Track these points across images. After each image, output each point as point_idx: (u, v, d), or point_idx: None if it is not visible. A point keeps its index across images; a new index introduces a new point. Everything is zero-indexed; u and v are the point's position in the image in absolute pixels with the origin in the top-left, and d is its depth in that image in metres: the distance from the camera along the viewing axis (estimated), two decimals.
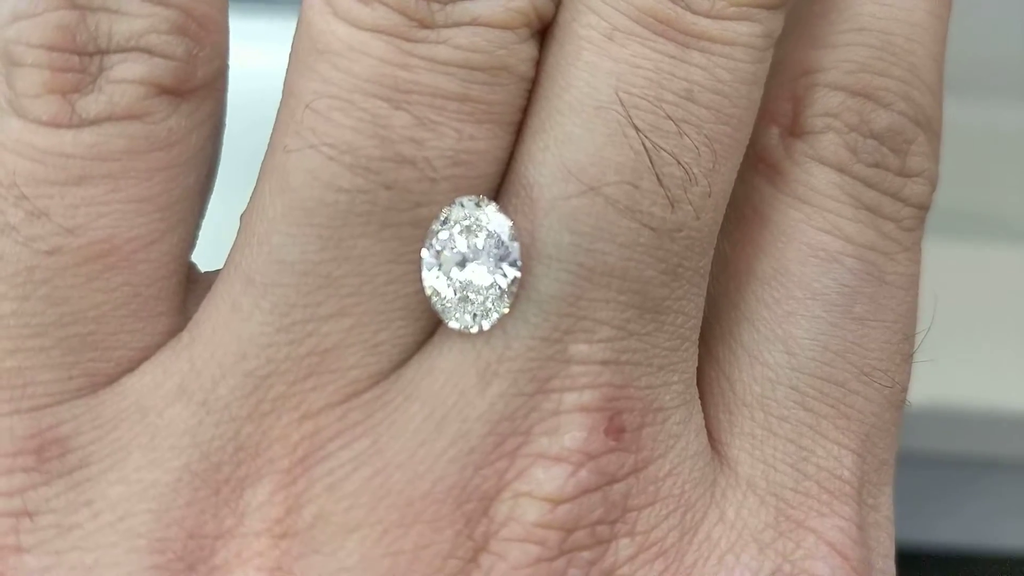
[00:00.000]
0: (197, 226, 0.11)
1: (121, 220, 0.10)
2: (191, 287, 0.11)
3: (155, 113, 0.10)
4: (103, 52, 0.10)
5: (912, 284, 0.11)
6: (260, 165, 0.10)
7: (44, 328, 0.10)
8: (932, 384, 0.19)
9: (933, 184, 0.11)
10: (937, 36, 0.11)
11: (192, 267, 0.11)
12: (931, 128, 0.11)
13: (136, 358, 0.10)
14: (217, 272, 0.11)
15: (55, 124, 0.10)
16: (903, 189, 0.11)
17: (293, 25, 0.10)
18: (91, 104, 0.10)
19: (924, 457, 0.21)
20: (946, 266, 0.20)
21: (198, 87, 0.10)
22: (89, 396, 0.10)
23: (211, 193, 0.11)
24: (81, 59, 0.10)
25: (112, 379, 0.10)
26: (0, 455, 0.10)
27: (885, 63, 0.11)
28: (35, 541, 0.10)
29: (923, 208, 0.11)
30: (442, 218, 0.09)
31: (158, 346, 0.10)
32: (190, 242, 0.11)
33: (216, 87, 0.10)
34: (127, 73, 0.10)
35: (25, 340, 0.10)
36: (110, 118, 0.10)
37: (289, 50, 0.10)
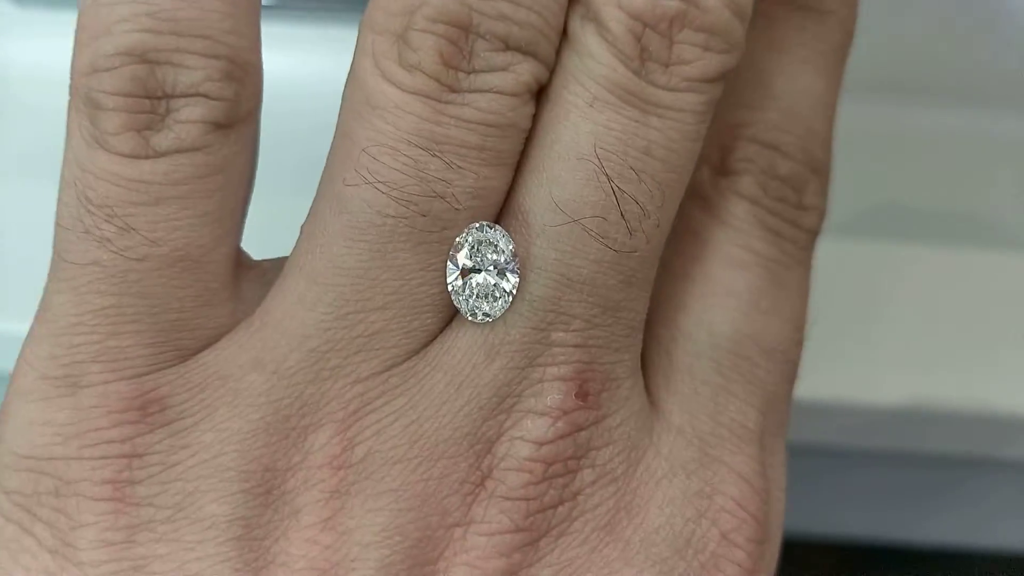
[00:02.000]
0: (243, 226, 0.14)
1: (191, 232, 0.13)
2: (244, 273, 0.14)
3: (213, 145, 0.12)
4: (169, 96, 0.12)
5: (804, 289, 0.15)
6: (317, 189, 0.13)
7: (138, 316, 0.13)
8: (935, 386, 0.20)
9: (822, 216, 0.15)
10: (830, 104, 0.15)
11: (243, 255, 0.14)
12: (822, 174, 0.15)
13: (212, 336, 0.13)
14: (267, 260, 0.14)
15: (134, 156, 0.12)
16: (800, 219, 0.15)
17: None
18: (162, 140, 0.12)
19: (924, 457, 0.22)
20: (948, 271, 0.21)
21: (242, 119, 0.13)
22: (179, 366, 0.13)
23: (251, 198, 0.14)
24: (152, 103, 0.12)
25: (195, 353, 0.13)
26: (111, 412, 0.13)
27: (790, 123, 0.14)
28: (145, 475, 0.13)
29: (814, 233, 0.15)
30: (465, 236, 0.13)
31: (226, 326, 0.13)
32: (239, 240, 0.14)
33: (255, 116, 0.13)
34: (190, 115, 0.12)
35: (123, 325, 0.13)
36: (179, 151, 0.12)
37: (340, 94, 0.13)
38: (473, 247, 0.13)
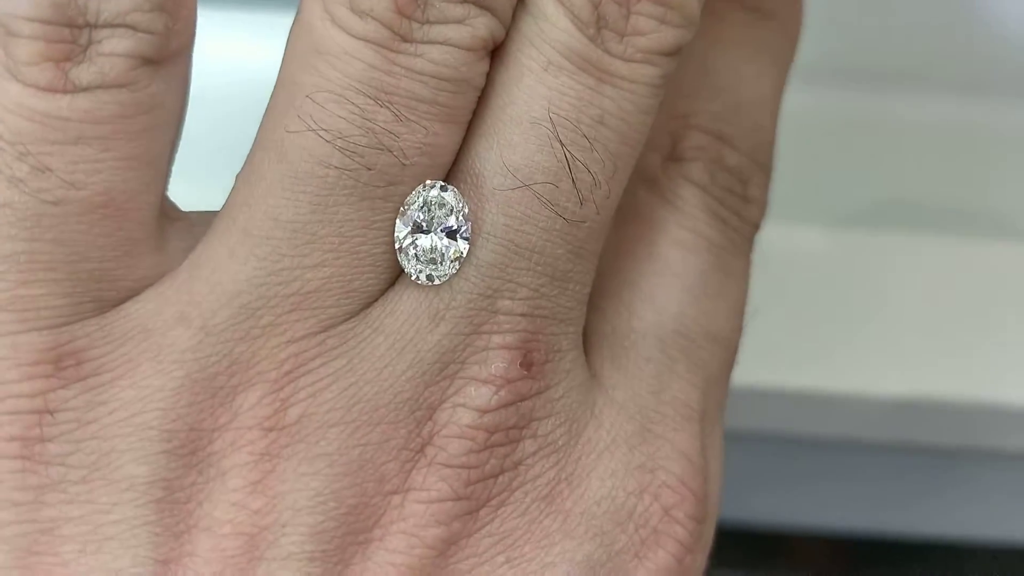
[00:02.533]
0: (170, 172, 0.13)
1: (115, 175, 0.12)
2: (170, 224, 0.13)
3: (139, 81, 0.12)
4: (92, 26, 0.11)
5: (745, 278, 0.15)
6: (255, 138, 0.12)
7: (54, 264, 0.12)
8: (935, 378, 0.20)
9: (764, 211, 0.15)
10: (775, 102, 0.15)
11: (169, 204, 0.13)
12: (766, 169, 0.15)
13: (135, 287, 0.12)
14: (196, 212, 0.13)
15: (51, 89, 0.11)
16: (744, 209, 0.15)
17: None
18: (83, 73, 0.11)
19: (922, 449, 0.22)
20: (949, 263, 0.21)
21: (173, 55, 0.12)
22: (98, 317, 0.12)
23: (179, 144, 0.13)
24: (72, 31, 0.11)
25: (117, 304, 0.12)
26: (21, 364, 0.12)
27: (738, 117, 0.15)
28: (57, 432, 0.12)
29: (756, 227, 0.15)
30: (415, 195, 0.12)
31: (150, 277, 0.13)
32: (166, 188, 0.13)
33: (186, 53, 0.13)
34: (115, 47, 0.11)
35: (36, 272, 0.12)
36: (101, 86, 0.12)
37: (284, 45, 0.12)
38: (423, 206, 0.12)
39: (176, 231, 0.13)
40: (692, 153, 0.14)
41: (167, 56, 0.12)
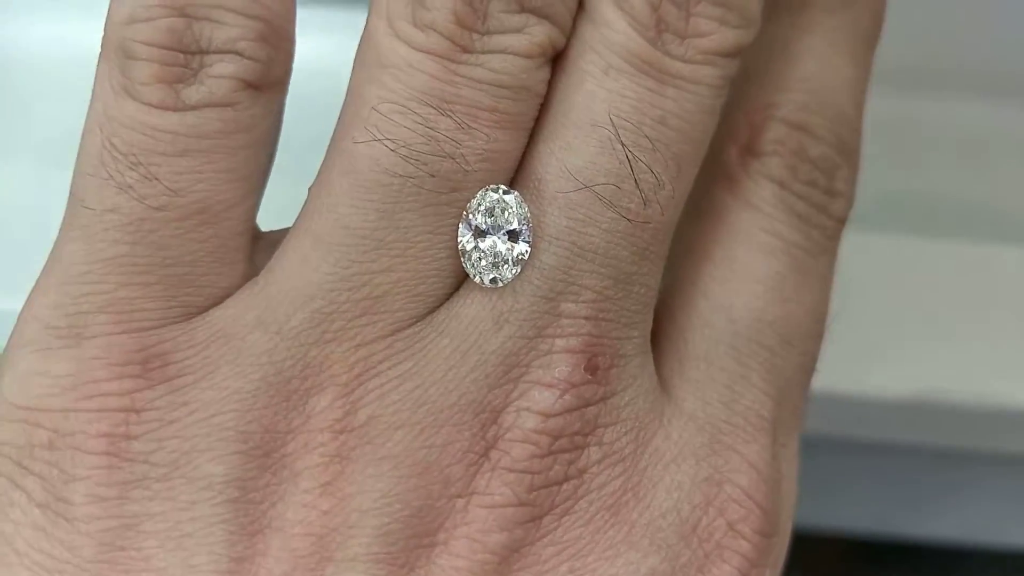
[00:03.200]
0: (263, 193, 0.14)
1: (213, 186, 0.13)
2: (256, 242, 0.14)
3: (242, 103, 0.13)
4: (203, 52, 0.12)
5: (828, 279, 0.15)
6: (326, 150, 0.13)
7: (150, 267, 0.13)
8: (941, 379, 0.20)
9: (851, 204, 0.15)
10: (860, 89, 0.15)
11: (256, 226, 0.14)
12: (852, 159, 0.15)
13: (220, 295, 0.13)
14: (275, 231, 0.14)
15: (163, 107, 0.12)
16: (829, 205, 0.14)
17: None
18: (193, 93, 0.13)
19: (929, 451, 0.22)
20: (954, 265, 0.21)
21: (273, 83, 0.13)
22: (184, 322, 0.13)
23: (271, 168, 0.14)
24: (185, 57, 0.12)
25: (202, 310, 0.13)
26: (112, 364, 0.13)
27: (821, 106, 0.14)
28: (142, 431, 0.12)
29: (842, 222, 0.15)
30: (477, 200, 0.13)
31: (236, 287, 0.13)
32: (258, 206, 0.14)
33: (284, 84, 0.13)
34: (222, 70, 0.13)
35: (134, 276, 0.13)
36: (208, 105, 0.13)
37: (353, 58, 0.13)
38: (485, 210, 0.13)
39: (260, 248, 0.14)
40: (771, 147, 0.14)
41: (268, 83, 0.13)
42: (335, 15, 0.19)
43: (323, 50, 0.18)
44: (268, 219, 0.14)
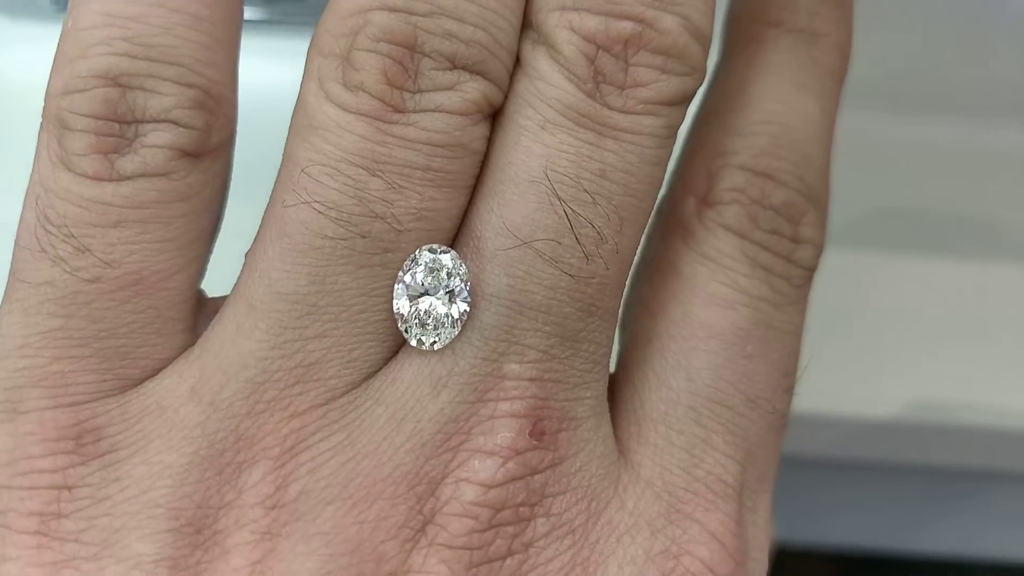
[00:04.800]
0: (207, 260, 0.14)
1: (148, 256, 0.13)
2: (200, 310, 0.14)
3: (178, 172, 0.13)
4: (139, 122, 0.12)
5: (796, 331, 0.14)
6: (262, 215, 0.13)
7: (85, 340, 0.13)
8: (934, 397, 0.20)
9: (819, 250, 0.14)
10: (826, 129, 0.14)
11: (201, 293, 0.14)
12: (820, 204, 0.14)
13: (157, 367, 0.13)
14: (220, 298, 0.14)
15: (98, 178, 0.12)
16: (794, 253, 0.14)
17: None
18: (127, 163, 0.12)
19: (922, 469, 0.22)
20: (949, 282, 0.21)
21: (212, 150, 0.13)
22: (119, 395, 0.13)
23: (218, 233, 0.14)
24: (120, 127, 0.12)
25: (137, 382, 0.13)
26: (45, 440, 0.12)
27: (783, 149, 0.14)
28: (73, 508, 0.12)
29: (810, 269, 0.14)
30: (412, 259, 0.12)
31: (174, 358, 0.13)
32: (201, 273, 0.14)
33: (226, 149, 0.13)
34: (157, 140, 0.12)
35: (69, 349, 0.13)
36: (143, 175, 0.12)
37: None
38: (422, 270, 0.12)
39: (205, 315, 0.14)
40: (729, 195, 0.14)
41: (206, 150, 0.13)
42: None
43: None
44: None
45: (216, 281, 0.14)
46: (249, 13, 0.21)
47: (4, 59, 0.21)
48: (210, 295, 0.14)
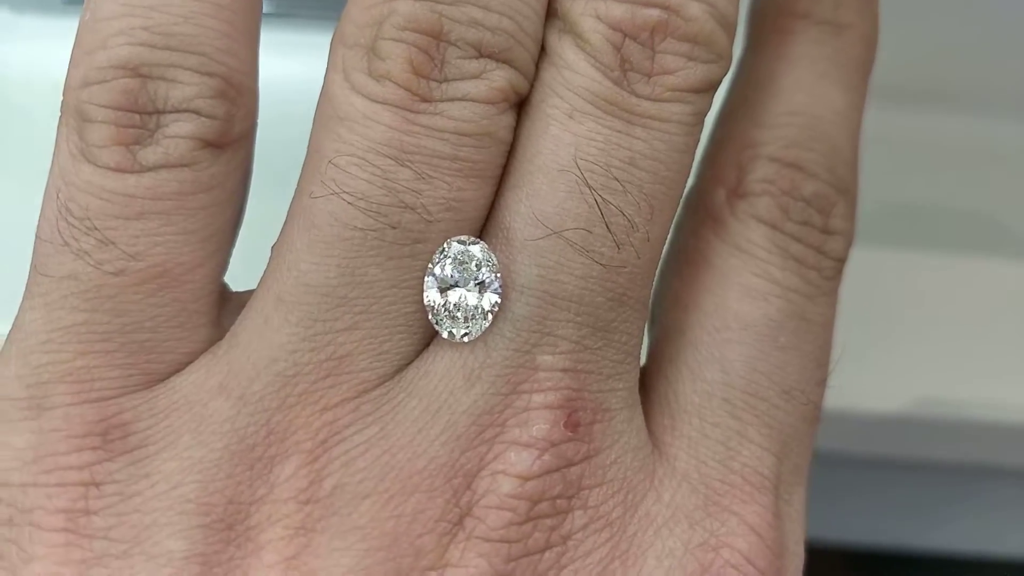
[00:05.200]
0: (230, 252, 0.14)
1: (172, 248, 0.13)
2: (224, 304, 0.13)
3: (201, 162, 0.13)
4: (160, 112, 0.12)
5: (828, 322, 0.14)
6: (288, 209, 0.13)
7: (109, 335, 0.12)
8: (941, 393, 0.20)
9: (850, 241, 0.14)
10: (854, 121, 0.14)
11: (225, 286, 0.14)
12: (849, 195, 0.14)
13: (183, 361, 0.13)
14: (246, 292, 0.14)
15: (120, 170, 0.12)
16: (825, 244, 0.14)
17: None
18: (149, 154, 0.12)
19: (929, 465, 0.22)
20: (954, 278, 0.21)
21: (234, 140, 0.13)
22: (146, 390, 0.13)
23: (241, 225, 0.14)
24: (142, 117, 0.12)
25: (164, 377, 0.13)
26: (72, 436, 0.12)
27: (812, 140, 0.14)
28: (101, 505, 0.12)
29: (841, 261, 0.14)
30: (441, 251, 0.12)
31: (200, 352, 0.13)
32: (225, 266, 0.14)
33: (248, 140, 0.13)
34: (179, 130, 0.12)
35: (93, 344, 0.12)
36: (165, 166, 0.12)
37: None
38: (451, 262, 0.12)
39: (229, 309, 0.13)
40: (760, 187, 0.14)
41: (228, 140, 0.13)
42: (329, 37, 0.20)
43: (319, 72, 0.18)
44: (270, 239, 0.13)
45: (236, 276, 0.14)
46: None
47: (10, 54, 0.21)
48: (233, 290, 0.14)
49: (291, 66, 0.18)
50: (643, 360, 0.14)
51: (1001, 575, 0.25)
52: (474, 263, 0.12)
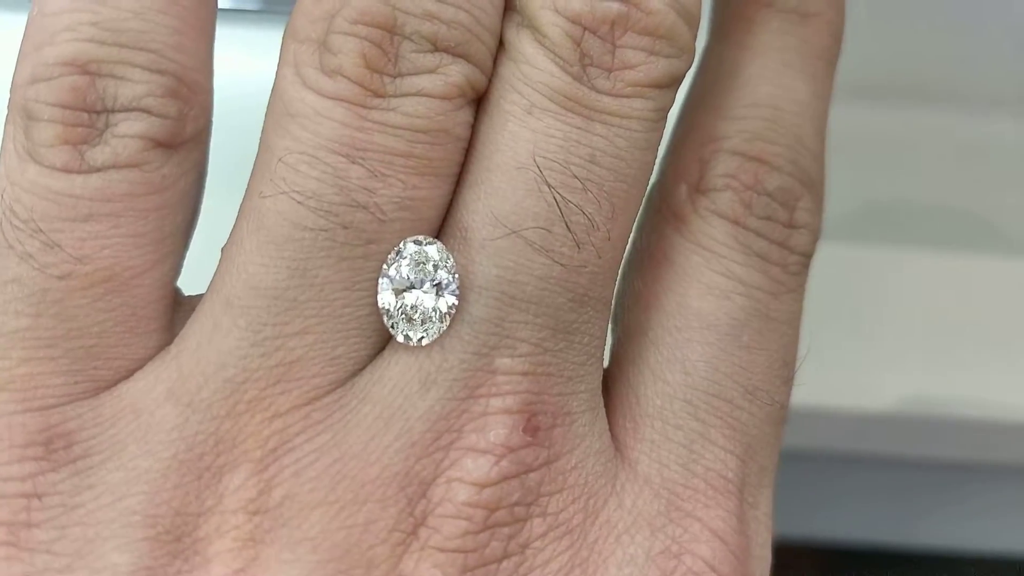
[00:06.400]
0: (183, 256, 0.13)
1: (121, 251, 0.12)
2: (177, 308, 0.13)
3: (151, 163, 0.12)
4: (109, 111, 0.12)
5: (794, 319, 0.14)
6: (238, 207, 0.13)
7: (54, 340, 0.12)
8: (931, 390, 0.20)
9: (816, 236, 0.14)
10: (819, 112, 0.14)
11: (177, 291, 0.13)
12: (814, 188, 0.14)
13: (131, 367, 0.12)
14: (199, 296, 0.13)
15: (67, 170, 0.12)
16: (789, 239, 0.13)
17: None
18: (98, 154, 0.12)
19: (918, 462, 0.22)
20: (946, 276, 0.21)
21: (187, 140, 0.13)
22: (91, 398, 0.12)
23: (195, 228, 0.14)
24: (90, 116, 0.12)
25: (111, 384, 0.12)
26: (14, 446, 0.12)
27: (776, 133, 0.14)
28: (44, 518, 0.12)
29: (807, 256, 0.14)
30: (396, 251, 0.12)
31: (150, 358, 0.13)
32: (177, 270, 0.13)
33: (201, 140, 0.13)
34: (129, 129, 0.12)
35: (37, 350, 0.12)
36: (114, 166, 0.12)
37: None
38: (407, 262, 0.12)
39: (182, 314, 0.13)
40: (722, 181, 0.13)
41: (180, 140, 0.12)
42: None
43: None
44: None
45: (193, 280, 0.14)
46: (244, 3, 0.20)
47: None
48: (187, 294, 0.14)
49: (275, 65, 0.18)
50: (607, 361, 0.13)
51: (984, 572, 0.26)
52: (431, 264, 0.12)
